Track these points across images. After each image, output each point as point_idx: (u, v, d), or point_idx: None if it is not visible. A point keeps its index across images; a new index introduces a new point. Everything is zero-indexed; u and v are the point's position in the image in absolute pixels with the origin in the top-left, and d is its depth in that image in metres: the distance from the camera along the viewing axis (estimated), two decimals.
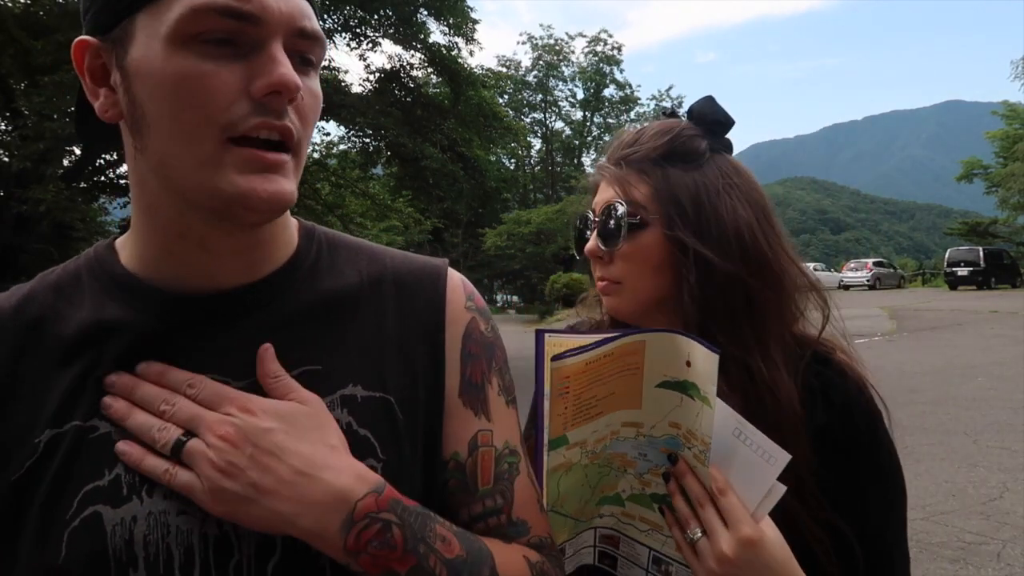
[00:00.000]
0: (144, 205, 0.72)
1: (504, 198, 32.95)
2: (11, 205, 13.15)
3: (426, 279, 0.83)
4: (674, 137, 1.08)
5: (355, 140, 19.74)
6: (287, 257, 0.78)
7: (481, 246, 33.03)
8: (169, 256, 0.72)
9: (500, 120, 21.77)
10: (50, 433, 0.67)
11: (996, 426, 7.25)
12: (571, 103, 49.32)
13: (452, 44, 18.60)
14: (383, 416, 0.74)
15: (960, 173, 41.12)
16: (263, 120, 0.64)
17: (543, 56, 47.69)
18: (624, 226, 1.05)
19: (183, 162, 0.65)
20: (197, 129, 0.64)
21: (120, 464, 0.66)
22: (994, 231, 40.32)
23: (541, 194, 46.71)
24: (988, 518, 4.78)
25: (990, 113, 39.12)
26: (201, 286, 0.72)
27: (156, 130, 0.66)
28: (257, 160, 0.65)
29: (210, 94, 0.63)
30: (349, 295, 0.79)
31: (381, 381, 0.75)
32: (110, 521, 0.64)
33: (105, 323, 0.71)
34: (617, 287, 1.08)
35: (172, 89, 0.63)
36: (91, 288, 0.74)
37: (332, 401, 0.72)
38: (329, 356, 0.75)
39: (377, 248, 0.86)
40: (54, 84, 12.24)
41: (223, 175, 0.64)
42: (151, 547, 0.64)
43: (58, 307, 0.73)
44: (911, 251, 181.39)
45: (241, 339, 0.72)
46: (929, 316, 19.22)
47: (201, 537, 0.66)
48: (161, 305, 0.72)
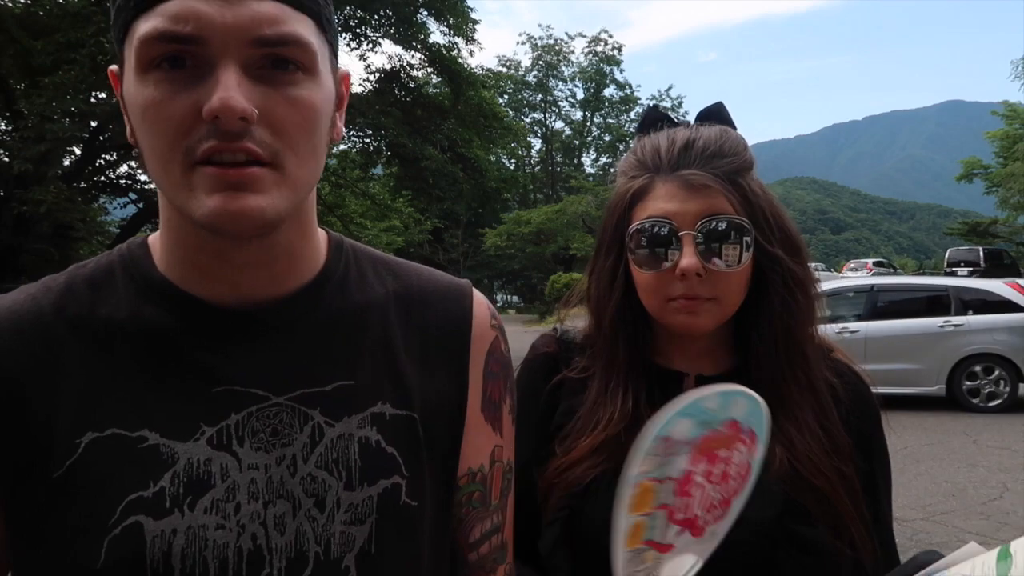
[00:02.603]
0: (165, 218, 0.73)
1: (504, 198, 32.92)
2: (12, 206, 13.17)
3: (451, 297, 0.85)
4: (747, 145, 1.05)
5: (355, 140, 19.75)
6: (316, 270, 0.78)
7: (481, 246, 33.04)
8: (195, 267, 0.73)
9: (500, 120, 21.78)
10: (91, 436, 0.66)
11: (996, 426, 7.25)
12: (571, 103, 49.36)
13: (452, 44, 18.64)
14: (408, 434, 0.76)
15: (960, 173, 41.10)
16: (216, 144, 0.63)
17: (543, 56, 47.71)
18: (746, 245, 0.97)
19: (164, 185, 0.67)
20: (165, 155, 0.65)
21: (166, 476, 0.66)
22: (994, 231, 40.28)
23: (541, 194, 46.73)
24: (988, 518, 4.78)
25: (990, 113, 39.11)
26: (230, 298, 0.73)
27: (145, 155, 0.68)
28: (220, 178, 0.64)
29: (167, 121, 0.64)
30: (376, 311, 0.80)
31: (407, 399, 0.77)
32: (151, 532, 0.65)
33: (142, 326, 0.71)
34: (708, 304, 0.98)
35: (141, 118, 0.66)
36: (126, 288, 0.74)
37: (363, 419, 0.74)
38: (359, 372, 0.75)
39: (404, 264, 0.87)
40: (55, 85, 12.25)
41: (193, 197, 0.65)
42: (188, 560, 0.65)
43: (95, 305, 0.72)
44: (911, 251, 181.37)
45: (276, 353, 0.73)
46: None
47: (236, 551, 0.67)
48: (197, 313, 0.72)
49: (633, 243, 1.00)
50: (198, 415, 0.69)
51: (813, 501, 0.94)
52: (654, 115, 1.11)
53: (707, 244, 0.96)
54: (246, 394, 0.71)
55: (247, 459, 0.69)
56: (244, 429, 0.69)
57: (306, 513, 0.70)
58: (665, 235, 0.97)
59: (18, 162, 12.48)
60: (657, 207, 0.98)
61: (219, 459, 0.68)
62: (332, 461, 0.71)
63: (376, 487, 0.73)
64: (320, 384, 0.73)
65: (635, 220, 1.01)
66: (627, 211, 1.03)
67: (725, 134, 1.02)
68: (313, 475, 0.70)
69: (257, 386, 0.71)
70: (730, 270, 0.96)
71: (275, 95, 0.65)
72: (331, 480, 0.71)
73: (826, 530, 0.93)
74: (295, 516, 0.69)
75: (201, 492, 0.67)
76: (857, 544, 0.94)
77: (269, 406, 0.71)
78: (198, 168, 0.64)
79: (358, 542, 0.71)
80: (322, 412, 0.72)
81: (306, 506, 0.70)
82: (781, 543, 0.92)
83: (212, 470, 0.68)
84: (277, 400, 0.71)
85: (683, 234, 0.96)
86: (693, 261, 0.95)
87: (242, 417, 0.70)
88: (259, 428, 0.70)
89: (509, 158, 43.01)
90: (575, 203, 32.22)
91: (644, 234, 0.98)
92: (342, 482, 0.71)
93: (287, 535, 0.69)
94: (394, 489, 0.73)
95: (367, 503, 0.72)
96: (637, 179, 1.03)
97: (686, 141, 1.01)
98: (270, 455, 0.70)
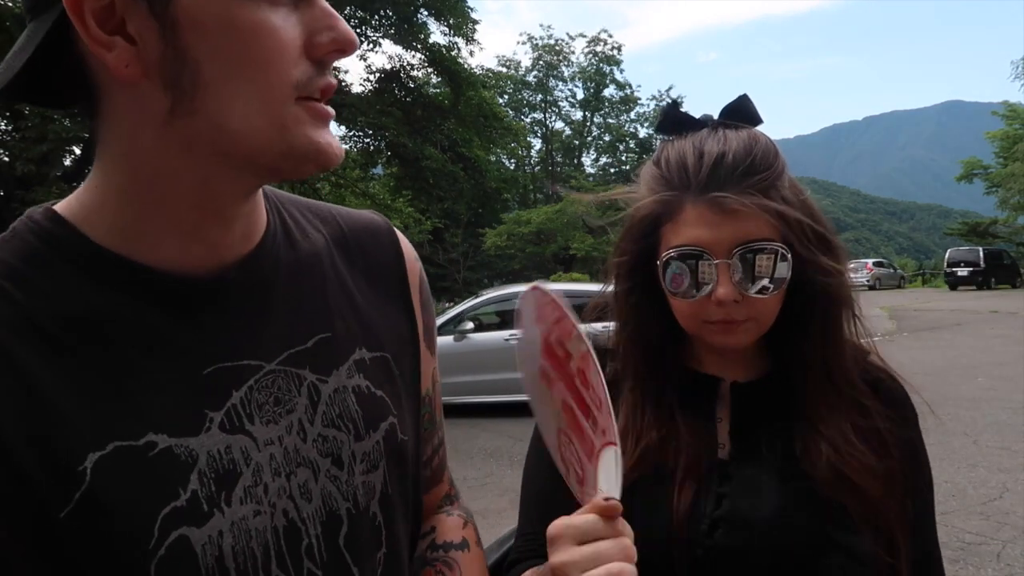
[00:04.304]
0: (147, 176, 0.61)
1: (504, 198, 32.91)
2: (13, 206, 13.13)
3: (379, 235, 0.85)
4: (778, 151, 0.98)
5: (355, 140, 19.75)
6: (264, 223, 0.72)
7: (481, 246, 32.99)
8: (172, 230, 0.63)
9: (500, 120, 21.77)
10: (94, 456, 0.57)
11: (996, 426, 7.25)
12: (571, 103, 49.28)
13: (452, 44, 18.63)
14: (387, 374, 0.77)
15: (960, 173, 41.09)
16: (327, 82, 0.61)
17: (543, 56, 47.68)
18: (783, 268, 0.93)
19: (253, 124, 0.58)
20: (271, 90, 0.58)
21: (192, 478, 0.60)
22: (994, 231, 40.28)
23: (541, 194, 46.71)
24: (988, 518, 4.78)
25: (990, 113, 39.09)
26: (202, 262, 0.65)
27: (215, 91, 0.57)
28: (324, 115, 0.62)
29: (280, 51, 0.57)
30: (324, 258, 0.77)
31: (378, 340, 0.78)
32: (198, 542, 0.60)
33: (102, 314, 0.61)
34: (747, 324, 0.95)
35: (244, 45, 0.56)
36: (65, 272, 0.61)
37: (349, 368, 0.73)
38: (333, 322, 0.74)
39: (320, 205, 0.84)
40: None
41: (298, 133, 0.60)
42: (239, 556, 0.62)
43: (32, 298, 0.59)
44: (911, 251, 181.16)
45: (252, 317, 0.68)
46: (929, 316, 19.21)
47: (273, 531, 0.65)
48: (160, 287, 0.63)
49: (666, 270, 0.96)
50: (199, 402, 0.63)
51: (858, 507, 0.92)
52: (675, 115, 1.05)
53: (743, 270, 0.92)
54: (240, 367, 0.65)
55: (261, 436, 0.65)
56: (250, 405, 0.65)
57: (327, 473, 0.69)
58: (699, 264, 0.93)
59: (20, 163, 12.47)
60: (689, 234, 0.94)
61: (237, 443, 0.64)
62: (336, 416, 0.71)
63: (379, 432, 0.74)
64: (302, 342, 0.70)
65: (665, 243, 0.97)
66: (654, 229, 0.98)
67: (754, 144, 0.96)
68: (323, 435, 0.69)
69: (247, 356, 0.66)
70: (767, 296, 0.93)
71: None
72: (341, 436, 0.71)
73: (870, 537, 0.91)
74: (317, 480, 0.68)
75: (232, 484, 0.62)
76: (898, 551, 0.93)
77: (264, 375, 0.67)
78: (300, 103, 0.60)
79: (378, 487, 0.73)
80: (312, 370, 0.70)
81: (324, 467, 0.69)
82: (826, 550, 0.90)
83: (235, 457, 0.63)
84: (270, 367, 0.67)
85: (718, 263, 0.92)
86: (729, 291, 0.92)
87: (244, 393, 0.65)
88: (263, 400, 0.66)
89: (509, 158, 42.97)
90: (575, 203, 32.16)
91: (676, 262, 0.95)
92: (351, 435, 0.71)
93: (315, 501, 0.67)
94: (392, 429, 0.75)
95: (376, 449, 0.73)
96: (664, 197, 0.97)
97: (715, 158, 0.94)
98: (279, 425, 0.67)
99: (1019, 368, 10.32)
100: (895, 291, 34.11)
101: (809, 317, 0.98)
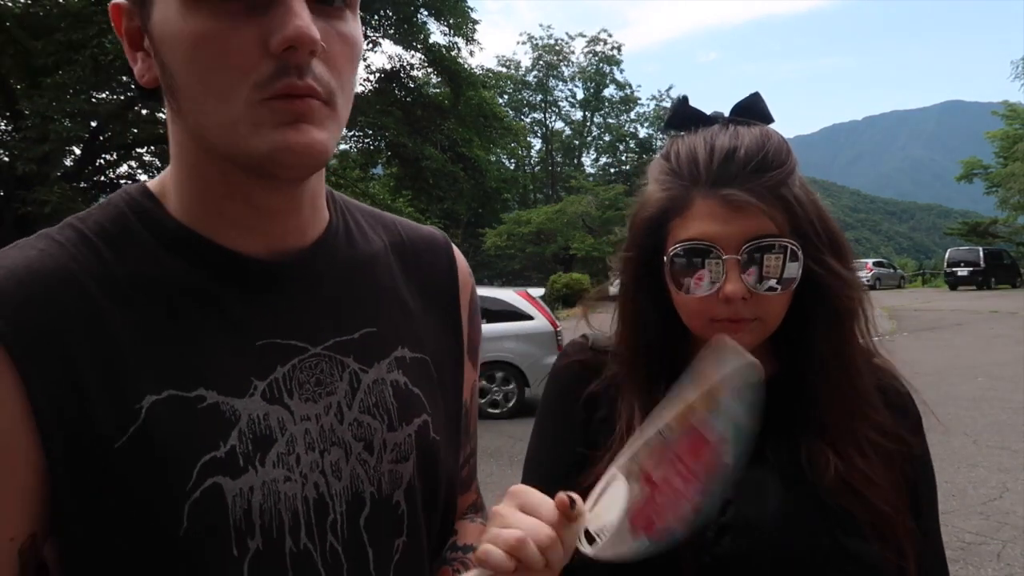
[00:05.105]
0: (188, 165, 0.70)
1: (504, 198, 32.93)
2: (14, 206, 13.16)
3: (436, 249, 0.92)
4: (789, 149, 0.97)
5: (355, 140, 19.75)
6: (326, 221, 0.79)
7: (481, 246, 33.04)
8: (221, 215, 0.70)
9: (500, 120, 21.79)
10: (150, 399, 0.64)
11: (996, 426, 7.26)
12: (571, 103, 49.33)
13: (452, 44, 18.64)
14: (425, 375, 0.82)
15: (960, 173, 41.11)
16: (287, 83, 0.61)
17: (543, 56, 47.70)
18: (792, 267, 0.91)
19: (216, 123, 0.63)
20: (225, 91, 0.62)
21: (233, 434, 0.66)
22: (994, 231, 40.28)
23: (541, 194, 46.70)
24: (988, 518, 4.78)
25: (990, 113, 39.10)
26: (258, 247, 0.71)
27: (186, 94, 0.64)
28: (288, 110, 0.62)
29: (229, 55, 0.61)
30: (380, 260, 0.83)
31: (420, 342, 0.83)
32: (230, 492, 0.65)
33: (172, 281, 0.68)
34: (754, 323, 0.93)
35: (192, 52, 0.61)
36: (147, 240, 0.69)
37: (390, 363, 0.78)
38: (379, 319, 0.79)
39: (384, 214, 0.91)
40: (56, 85, 12.25)
41: (257, 132, 0.62)
42: (266, 515, 0.66)
43: (117, 259, 0.68)
44: (911, 251, 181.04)
45: (306, 304, 0.74)
46: (929, 316, 19.21)
47: (304, 500, 0.69)
48: (227, 264, 0.70)
49: (672, 265, 0.94)
50: (247, 370, 0.69)
51: (866, 515, 0.90)
52: (685, 111, 1.02)
53: (752, 267, 0.90)
54: (288, 346, 0.71)
55: (299, 411, 0.70)
56: (291, 381, 0.71)
57: (357, 457, 0.74)
58: (708, 259, 0.91)
59: (21, 163, 12.49)
60: (698, 228, 0.92)
61: (275, 413, 0.69)
62: (373, 405, 0.76)
63: (412, 426, 0.78)
64: (349, 332, 0.76)
65: (673, 237, 0.94)
66: (662, 224, 0.96)
67: (767, 140, 0.94)
68: (359, 420, 0.74)
69: (296, 337, 0.72)
70: (776, 294, 0.91)
71: (330, 30, 0.64)
72: (375, 424, 0.75)
73: (877, 544, 0.90)
74: (348, 461, 0.73)
75: (267, 447, 0.68)
76: (906, 558, 0.92)
77: (309, 356, 0.73)
78: (264, 103, 0.61)
79: (405, 478, 0.76)
80: (355, 359, 0.76)
81: (356, 450, 0.73)
82: (834, 557, 0.89)
83: (272, 424, 0.68)
84: (316, 351, 0.73)
85: (727, 259, 0.90)
86: (738, 287, 0.89)
87: (288, 369, 0.71)
88: (304, 379, 0.72)
89: (509, 158, 43.00)
90: (575, 203, 32.21)
91: (684, 257, 0.92)
92: (385, 424, 0.76)
93: (344, 480, 0.72)
94: (424, 426, 0.79)
95: (408, 441, 0.77)
96: (672, 190, 0.95)
97: (726, 152, 0.92)
98: (318, 404, 0.72)
99: (1019, 368, 10.32)
100: (895, 291, 34.13)
101: (817, 321, 0.96)
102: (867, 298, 1.00)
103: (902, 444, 0.97)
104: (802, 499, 0.92)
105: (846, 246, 0.98)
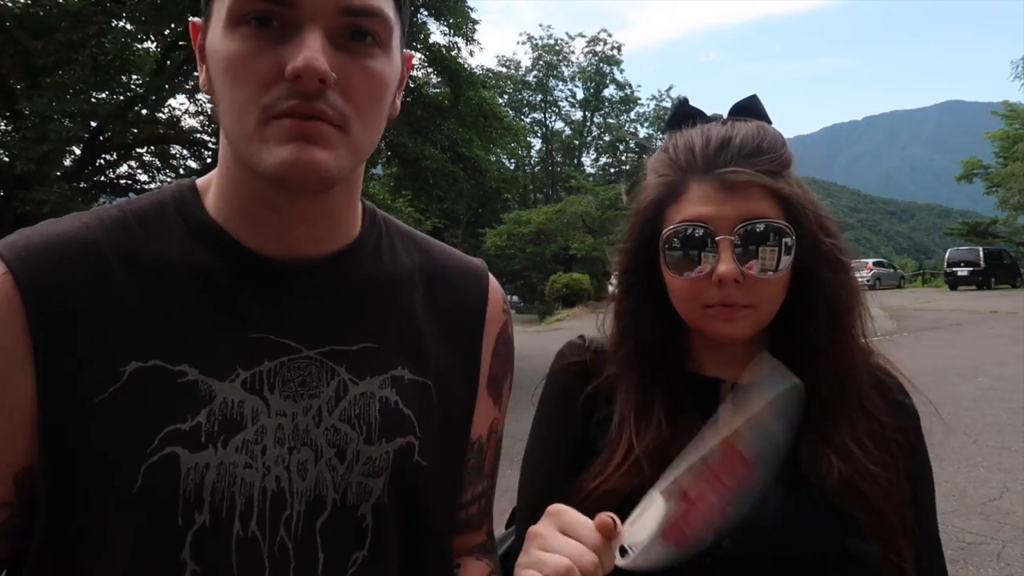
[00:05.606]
0: (224, 168, 0.77)
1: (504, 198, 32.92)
2: (14, 206, 13.14)
3: (470, 278, 0.93)
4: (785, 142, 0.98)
5: None
6: (353, 236, 0.84)
7: (481, 246, 33.03)
8: (248, 216, 0.77)
9: (500, 120, 21.74)
10: (135, 365, 0.69)
11: (996, 426, 7.25)
12: (571, 103, 49.34)
13: (452, 44, 18.62)
14: (423, 399, 0.82)
15: (960, 173, 41.07)
16: (295, 103, 0.67)
17: (543, 56, 47.69)
18: (786, 249, 0.91)
19: (236, 133, 0.71)
20: (242, 106, 0.69)
21: (203, 412, 0.70)
22: (994, 231, 40.27)
23: (541, 194, 46.71)
24: (988, 518, 4.78)
25: (990, 113, 39.07)
26: (277, 250, 0.77)
27: (220, 105, 0.72)
28: (293, 129, 0.68)
29: (250, 76, 0.68)
30: (404, 282, 0.86)
31: (424, 366, 0.84)
32: (185, 464, 0.68)
33: (191, 266, 0.75)
34: (746, 310, 0.92)
35: (224, 70, 0.69)
36: (178, 228, 0.77)
37: (384, 380, 0.80)
38: (383, 336, 0.81)
39: (428, 239, 0.94)
40: (56, 85, 12.24)
41: (265, 147, 0.68)
42: (217, 494, 0.69)
43: (147, 240, 0.75)
44: (911, 251, 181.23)
45: (312, 309, 0.77)
46: (929, 316, 19.20)
47: (261, 490, 0.71)
48: (245, 261, 0.76)
49: (667, 247, 0.94)
50: (235, 357, 0.73)
51: (867, 515, 0.90)
52: (685, 110, 1.04)
53: (745, 249, 0.90)
54: (280, 344, 0.75)
55: (276, 405, 0.73)
56: (275, 377, 0.74)
57: (327, 462, 0.75)
58: (701, 239, 0.91)
59: (21, 162, 12.46)
60: (692, 210, 0.92)
61: (251, 402, 0.72)
62: (355, 416, 0.77)
63: (392, 444, 0.78)
64: (348, 343, 0.78)
65: (668, 222, 0.95)
66: (659, 212, 0.96)
67: (763, 131, 0.96)
68: (336, 427, 0.76)
69: (290, 337, 0.75)
70: (769, 276, 0.91)
71: (352, 64, 0.70)
72: (352, 433, 0.76)
73: (878, 545, 0.90)
74: (316, 464, 0.74)
75: (234, 431, 0.71)
76: (905, 558, 0.92)
77: (300, 358, 0.75)
78: (273, 121, 0.68)
79: (375, 493, 0.77)
80: (347, 369, 0.78)
81: (327, 455, 0.75)
82: (835, 558, 0.89)
83: (244, 412, 0.72)
84: (308, 353, 0.76)
85: (720, 239, 0.90)
86: (731, 267, 0.89)
87: (275, 365, 0.74)
88: (289, 377, 0.75)
89: (509, 158, 42.98)
90: (575, 203, 32.22)
91: (678, 238, 0.92)
92: (362, 436, 0.77)
93: (308, 480, 0.74)
94: (408, 447, 0.80)
95: (384, 458, 0.78)
96: (669, 178, 0.96)
97: (722, 139, 0.94)
98: (297, 404, 0.74)
99: (1019, 368, 10.32)
100: (895, 291, 34.09)
101: (815, 319, 0.95)
102: (865, 294, 1.01)
103: (902, 444, 0.97)
104: (803, 500, 0.91)
105: (843, 244, 0.98)
